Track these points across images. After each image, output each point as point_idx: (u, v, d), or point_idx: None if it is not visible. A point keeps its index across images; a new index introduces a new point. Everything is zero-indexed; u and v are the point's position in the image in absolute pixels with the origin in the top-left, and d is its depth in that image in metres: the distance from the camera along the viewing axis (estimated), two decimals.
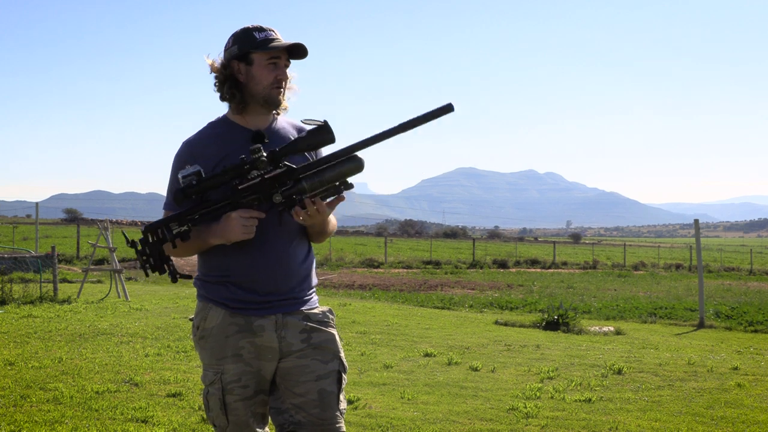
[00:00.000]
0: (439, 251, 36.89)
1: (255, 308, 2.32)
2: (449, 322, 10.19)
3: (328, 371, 2.36)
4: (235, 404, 2.33)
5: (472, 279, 22.64)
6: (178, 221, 2.22)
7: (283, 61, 2.34)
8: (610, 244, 71.90)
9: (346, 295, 15.16)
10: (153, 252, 2.23)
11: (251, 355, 2.32)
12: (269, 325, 2.32)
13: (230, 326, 2.33)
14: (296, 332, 2.34)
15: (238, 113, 2.39)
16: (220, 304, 2.34)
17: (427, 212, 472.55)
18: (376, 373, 6.13)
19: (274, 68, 2.33)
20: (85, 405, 4.70)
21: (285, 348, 2.33)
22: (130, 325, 8.33)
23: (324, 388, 2.33)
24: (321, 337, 2.37)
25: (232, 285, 2.33)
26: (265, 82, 2.32)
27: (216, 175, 2.21)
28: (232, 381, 2.32)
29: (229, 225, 2.21)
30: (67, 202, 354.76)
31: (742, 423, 4.75)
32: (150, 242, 2.23)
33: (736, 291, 19.92)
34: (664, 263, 37.47)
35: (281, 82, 2.34)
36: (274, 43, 2.31)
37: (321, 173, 2.23)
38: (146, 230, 2.24)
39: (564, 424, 4.63)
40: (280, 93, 2.35)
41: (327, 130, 2.22)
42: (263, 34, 2.32)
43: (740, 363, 7.09)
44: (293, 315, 2.35)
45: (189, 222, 2.23)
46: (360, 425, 4.47)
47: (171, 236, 2.21)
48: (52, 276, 11.61)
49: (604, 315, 12.77)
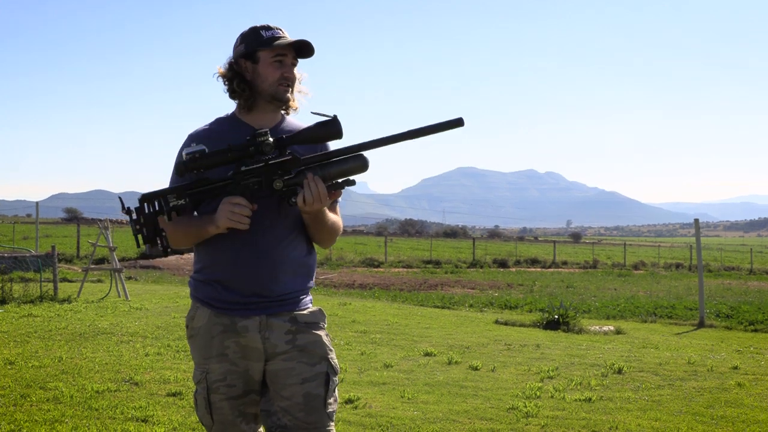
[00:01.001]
0: (439, 251, 36.88)
1: (238, 309, 2.32)
2: (449, 322, 10.19)
3: (315, 374, 2.32)
4: (220, 403, 2.33)
5: (472, 278, 22.64)
6: (177, 194, 2.20)
7: (289, 59, 2.35)
8: (610, 244, 71.89)
9: (346, 295, 15.16)
10: (147, 222, 2.19)
11: (237, 354, 2.32)
12: (253, 326, 2.31)
13: (215, 326, 2.33)
14: (281, 333, 2.32)
15: (246, 111, 2.40)
16: (206, 304, 2.35)
17: (427, 212, 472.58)
18: (376, 372, 6.13)
19: (280, 66, 2.33)
20: (85, 404, 4.70)
21: (269, 349, 2.32)
22: (130, 325, 8.33)
23: (309, 392, 2.30)
24: (306, 339, 2.34)
25: (219, 285, 2.33)
26: (271, 79, 2.33)
27: (220, 151, 2.19)
28: (217, 380, 2.33)
29: (219, 210, 2.20)
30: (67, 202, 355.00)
31: (742, 422, 4.74)
32: (146, 212, 2.19)
33: (736, 290, 19.92)
34: (664, 263, 37.48)
35: (287, 79, 2.35)
36: (279, 41, 2.32)
37: (325, 167, 2.24)
38: (143, 199, 2.20)
39: (564, 423, 4.63)
40: (287, 90, 2.35)
41: (335, 124, 2.22)
42: (269, 32, 2.33)
43: (740, 362, 7.08)
44: (278, 316, 2.33)
45: (187, 197, 2.20)
46: (360, 424, 4.47)
47: (168, 208, 2.18)
48: (52, 275, 11.60)
49: (605, 314, 12.77)
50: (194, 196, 2.22)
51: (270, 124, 2.38)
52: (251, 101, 2.36)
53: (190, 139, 2.37)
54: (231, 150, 2.19)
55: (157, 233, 2.20)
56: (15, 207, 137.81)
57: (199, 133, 2.38)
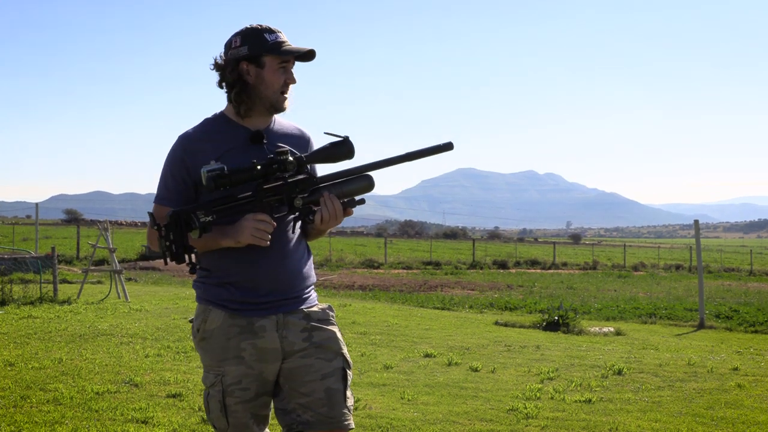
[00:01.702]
0: (439, 252, 36.88)
1: (255, 309, 2.32)
2: (449, 323, 10.19)
3: (333, 369, 2.35)
4: (235, 407, 2.33)
5: (472, 279, 22.64)
6: (205, 210, 2.17)
7: (291, 64, 2.34)
8: (609, 245, 71.90)
9: (346, 296, 15.16)
10: (177, 239, 2.13)
11: (253, 357, 2.31)
12: (270, 325, 2.32)
13: (231, 328, 2.31)
14: (297, 331, 2.34)
15: (240, 116, 2.36)
16: (220, 306, 2.33)
17: (427, 213, 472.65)
18: (376, 373, 6.12)
19: (284, 72, 2.32)
20: (85, 406, 4.70)
21: (287, 347, 2.33)
22: (130, 326, 8.33)
23: (330, 386, 2.32)
24: (323, 335, 2.37)
25: (232, 286, 2.32)
26: (276, 86, 2.31)
27: (246, 168, 2.18)
28: (233, 383, 2.32)
29: (241, 226, 2.20)
30: (67, 203, 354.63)
31: (742, 423, 4.74)
32: (176, 228, 2.14)
33: (736, 291, 19.93)
34: (664, 264, 37.48)
35: (289, 86, 2.34)
36: (287, 47, 2.30)
37: (339, 186, 2.30)
38: (174, 216, 2.14)
39: (564, 424, 4.63)
40: (285, 99, 2.35)
41: (347, 145, 2.28)
42: (273, 36, 2.29)
43: (740, 363, 7.08)
44: (294, 314, 2.35)
45: (214, 213, 2.19)
46: (360, 426, 4.46)
47: (199, 224, 2.14)
48: (52, 277, 11.60)
49: (604, 315, 12.77)
50: (220, 212, 2.21)
51: (263, 125, 2.38)
52: (250, 108, 2.33)
53: (184, 140, 2.33)
54: (256, 167, 2.19)
55: (187, 250, 2.14)
56: (15, 208, 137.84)
57: (190, 135, 2.34)
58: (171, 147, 2.35)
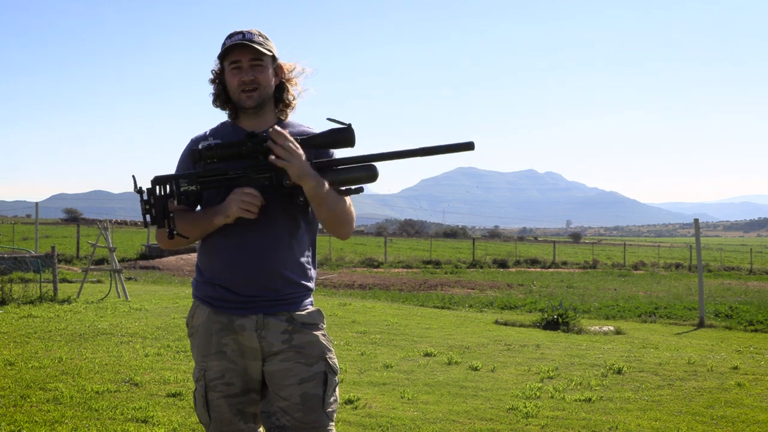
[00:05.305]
0: (439, 251, 36.89)
1: (235, 307, 2.35)
2: (449, 322, 10.19)
3: (312, 374, 2.33)
4: (217, 401, 2.35)
5: (472, 279, 22.63)
6: (189, 180, 2.25)
7: (246, 62, 2.34)
8: (609, 244, 71.90)
9: (346, 295, 15.16)
10: (157, 204, 2.23)
11: (235, 353, 2.35)
12: (249, 324, 2.33)
13: (214, 324, 2.36)
14: (277, 333, 2.34)
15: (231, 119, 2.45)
16: (206, 303, 2.39)
17: (427, 212, 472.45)
18: (376, 372, 6.13)
19: (238, 72, 2.35)
20: (85, 405, 4.70)
21: (266, 348, 2.33)
22: (130, 325, 8.33)
23: (307, 392, 2.31)
24: (304, 339, 2.35)
25: (218, 285, 2.37)
26: (233, 86, 2.36)
27: (235, 143, 2.25)
28: (215, 378, 2.35)
29: (229, 199, 2.26)
30: (66, 202, 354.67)
31: (742, 422, 4.75)
32: (157, 194, 2.23)
33: (736, 290, 19.93)
34: (663, 263, 37.49)
35: (245, 84, 2.34)
36: (223, 48, 2.34)
37: (336, 172, 2.29)
38: (155, 181, 2.24)
39: (564, 423, 4.63)
40: (249, 96, 2.35)
41: (349, 133, 2.27)
42: (229, 40, 2.34)
43: (740, 362, 7.09)
44: (275, 316, 2.35)
45: (198, 183, 2.25)
46: (360, 425, 4.47)
47: (178, 192, 2.23)
48: (51, 276, 11.60)
49: (604, 314, 12.78)
50: (205, 183, 2.27)
51: (265, 126, 2.40)
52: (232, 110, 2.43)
53: (192, 142, 2.44)
54: (246, 143, 2.24)
55: (166, 215, 2.23)
56: (14, 207, 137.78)
57: (198, 136, 2.45)
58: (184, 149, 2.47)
